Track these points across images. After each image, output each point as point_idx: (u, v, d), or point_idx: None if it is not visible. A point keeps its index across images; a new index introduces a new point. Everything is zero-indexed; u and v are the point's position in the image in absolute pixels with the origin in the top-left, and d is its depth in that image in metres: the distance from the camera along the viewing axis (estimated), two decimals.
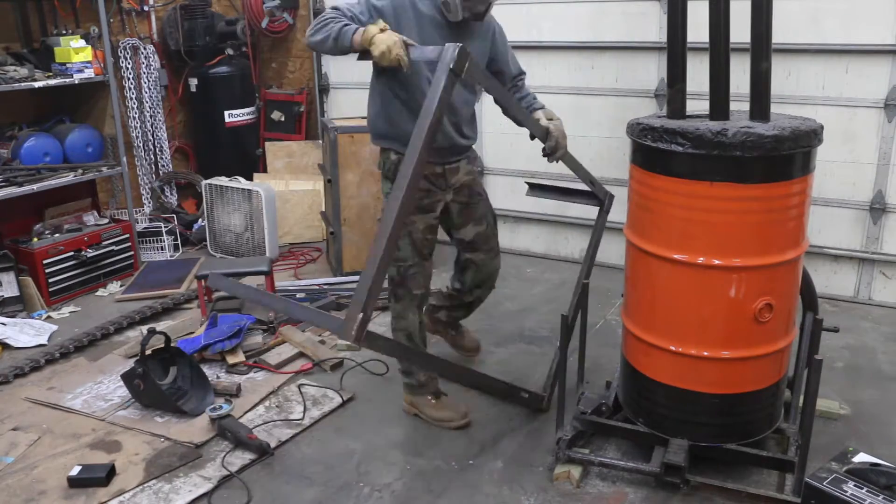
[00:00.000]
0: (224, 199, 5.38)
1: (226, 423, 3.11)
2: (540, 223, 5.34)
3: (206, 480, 2.86)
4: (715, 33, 2.54)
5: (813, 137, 2.46)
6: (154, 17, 5.83)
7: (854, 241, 4.37)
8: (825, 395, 3.19)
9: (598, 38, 4.82)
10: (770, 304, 2.54)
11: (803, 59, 4.23)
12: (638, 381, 2.84)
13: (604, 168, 4.55)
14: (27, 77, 4.58)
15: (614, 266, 4.86)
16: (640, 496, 2.71)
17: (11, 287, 4.45)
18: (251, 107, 6.21)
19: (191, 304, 4.55)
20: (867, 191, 4.25)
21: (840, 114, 4.18)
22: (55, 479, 2.88)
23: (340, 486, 2.83)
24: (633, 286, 2.85)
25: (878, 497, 2.13)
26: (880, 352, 3.80)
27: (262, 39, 6.50)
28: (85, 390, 3.54)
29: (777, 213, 2.49)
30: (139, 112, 5.71)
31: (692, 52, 2.65)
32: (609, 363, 3.63)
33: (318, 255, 5.46)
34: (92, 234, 4.88)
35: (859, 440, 2.98)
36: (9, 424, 3.28)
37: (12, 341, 4.05)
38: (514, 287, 4.79)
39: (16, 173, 4.57)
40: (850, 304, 4.41)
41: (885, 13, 3.97)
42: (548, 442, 3.02)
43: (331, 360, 3.73)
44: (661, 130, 2.52)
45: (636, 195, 2.74)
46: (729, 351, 2.60)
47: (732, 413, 2.69)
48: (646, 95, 4.73)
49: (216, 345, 3.72)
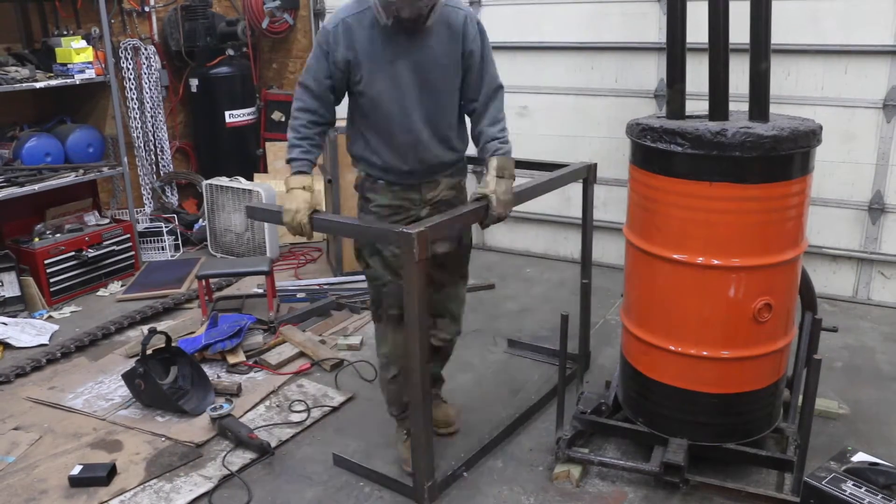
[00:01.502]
0: (224, 199, 5.39)
1: (226, 422, 3.12)
2: (540, 223, 5.34)
3: (207, 480, 2.87)
4: (714, 33, 2.55)
5: (812, 138, 2.47)
6: (155, 17, 5.84)
7: (853, 241, 4.38)
8: (824, 394, 3.19)
9: (598, 38, 4.83)
10: (769, 304, 2.54)
11: (802, 59, 4.23)
12: (637, 381, 2.84)
13: (604, 168, 4.55)
14: (28, 77, 4.59)
15: (614, 266, 4.87)
16: (640, 496, 2.72)
17: (13, 287, 4.46)
18: (252, 107, 6.22)
19: (191, 303, 4.56)
20: (866, 191, 4.26)
21: (839, 114, 4.19)
22: (56, 478, 2.89)
23: (340, 486, 2.84)
24: (632, 286, 2.86)
25: (877, 496, 2.13)
26: (879, 351, 3.80)
27: (263, 40, 6.51)
28: (86, 390, 3.55)
29: (776, 213, 2.49)
30: (140, 112, 5.72)
31: (692, 53, 2.66)
32: (609, 363, 3.64)
33: (318, 255, 5.47)
34: (93, 234, 4.89)
35: (858, 440, 2.98)
36: (10, 424, 3.29)
37: (14, 341, 4.06)
38: (514, 287, 4.79)
39: (17, 173, 4.58)
40: (849, 303, 4.41)
41: (884, 13, 3.98)
42: (548, 442, 3.03)
43: (331, 360, 3.73)
44: (660, 130, 2.52)
45: (636, 195, 2.74)
46: (728, 351, 2.60)
47: (732, 413, 2.70)
48: (646, 95, 4.74)
49: (217, 344, 3.73)
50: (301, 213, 2.54)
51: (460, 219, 2.56)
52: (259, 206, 3.33)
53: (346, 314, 4.36)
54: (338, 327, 4.17)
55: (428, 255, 2.40)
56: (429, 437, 2.59)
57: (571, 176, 3.13)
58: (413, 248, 2.32)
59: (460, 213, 2.55)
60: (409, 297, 2.40)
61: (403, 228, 2.37)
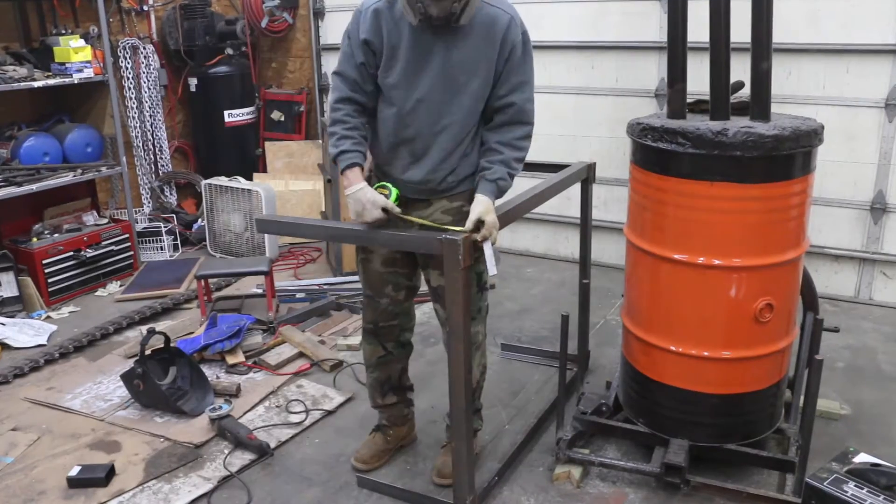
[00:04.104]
0: (224, 199, 5.37)
1: (225, 423, 3.11)
2: (540, 223, 5.33)
3: (206, 481, 2.85)
4: (715, 33, 2.54)
5: (813, 137, 2.46)
6: (153, 16, 5.83)
7: (855, 241, 4.37)
8: (826, 395, 3.18)
9: (599, 38, 4.82)
10: (770, 304, 2.53)
11: (804, 58, 4.22)
12: (638, 382, 2.83)
13: (604, 168, 4.54)
14: (26, 77, 4.58)
15: (614, 266, 4.86)
16: (641, 496, 2.71)
17: (11, 287, 4.45)
18: (251, 106, 6.21)
19: (190, 304, 4.55)
20: (868, 191, 4.25)
21: (841, 113, 4.18)
22: (55, 479, 2.87)
23: (340, 486, 2.83)
24: (633, 286, 2.85)
25: (879, 497, 2.12)
26: (881, 352, 3.79)
27: (262, 39, 6.50)
28: (84, 390, 3.54)
29: (777, 212, 2.48)
30: (139, 112, 5.70)
31: (692, 52, 2.64)
32: (609, 363, 3.63)
33: (317, 255, 5.45)
34: (91, 234, 4.88)
35: (860, 440, 2.97)
36: (8, 424, 3.27)
37: (12, 341, 4.05)
38: (514, 287, 4.78)
39: (15, 173, 4.57)
40: (851, 304, 4.40)
41: (885, 13, 3.97)
42: (548, 442, 3.02)
43: (330, 361, 3.72)
44: (661, 130, 2.51)
45: (636, 195, 2.73)
46: (729, 351, 2.59)
47: (733, 413, 2.69)
48: (646, 95, 4.73)
49: (216, 345, 3.72)
50: (373, 209, 2.31)
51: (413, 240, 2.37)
52: (270, 219, 3.04)
53: (346, 314, 4.34)
54: (337, 328, 4.16)
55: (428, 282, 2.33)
56: (471, 451, 2.51)
57: (572, 178, 3.09)
58: (458, 255, 2.20)
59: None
60: (454, 307, 2.28)
61: (447, 236, 2.22)
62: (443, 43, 2.32)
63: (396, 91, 2.39)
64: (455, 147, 2.44)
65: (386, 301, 2.69)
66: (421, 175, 2.47)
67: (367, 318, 2.76)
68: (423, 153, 2.45)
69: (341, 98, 2.42)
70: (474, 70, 2.35)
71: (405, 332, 2.82)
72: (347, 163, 2.38)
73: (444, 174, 2.47)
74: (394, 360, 2.84)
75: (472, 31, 2.31)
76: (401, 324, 2.78)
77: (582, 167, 3.14)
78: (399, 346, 2.83)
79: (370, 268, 2.65)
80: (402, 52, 2.35)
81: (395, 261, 2.62)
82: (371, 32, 2.35)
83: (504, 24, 2.33)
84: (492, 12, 2.33)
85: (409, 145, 2.46)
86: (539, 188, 2.81)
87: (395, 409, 2.95)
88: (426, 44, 2.33)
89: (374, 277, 2.65)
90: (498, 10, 2.34)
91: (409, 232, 2.40)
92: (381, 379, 2.87)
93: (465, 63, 2.34)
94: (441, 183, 2.47)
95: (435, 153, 2.44)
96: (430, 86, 2.36)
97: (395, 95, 2.40)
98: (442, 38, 2.32)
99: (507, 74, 2.37)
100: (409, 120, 2.42)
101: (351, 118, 2.41)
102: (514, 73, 2.38)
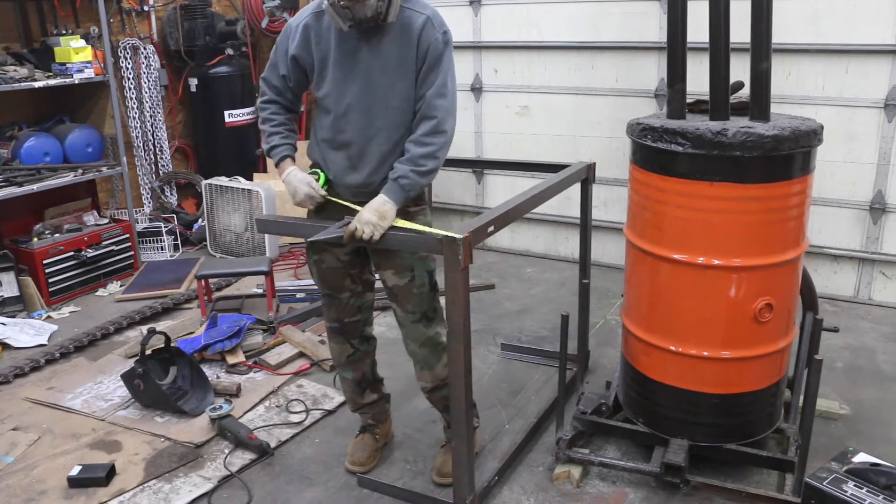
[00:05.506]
0: (224, 199, 5.38)
1: (226, 423, 3.11)
2: (540, 223, 5.34)
3: (206, 480, 2.86)
4: (715, 33, 2.54)
5: (813, 137, 2.46)
6: (154, 16, 5.83)
7: (854, 241, 4.37)
8: (825, 395, 3.19)
9: (598, 38, 4.82)
10: (770, 304, 2.54)
11: (803, 59, 4.22)
12: (638, 381, 2.84)
13: (604, 168, 4.55)
14: (27, 77, 4.58)
15: (614, 266, 4.86)
16: (640, 496, 2.71)
17: (11, 287, 4.45)
18: (251, 107, 6.20)
19: (191, 304, 4.55)
20: (867, 191, 4.25)
21: (840, 114, 4.18)
22: (55, 479, 2.88)
23: (341, 486, 2.83)
24: (633, 286, 2.85)
25: (878, 497, 2.13)
26: (880, 352, 3.80)
27: (262, 39, 6.50)
28: (85, 390, 3.55)
29: (777, 213, 2.48)
30: (139, 112, 5.71)
31: (692, 52, 2.65)
32: (609, 363, 3.63)
33: None
34: (92, 234, 4.88)
35: (859, 440, 2.98)
36: (9, 424, 3.28)
37: (12, 341, 4.05)
38: (514, 287, 4.79)
39: (16, 173, 4.57)
40: (850, 304, 4.40)
41: (885, 13, 3.97)
42: (548, 442, 3.02)
43: (330, 360, 3.72)
44: (661, 130, 2.52)
45: (636, 195, 2.74)
46: (729, 351, 2.60)
47: (732, 413, 2.69)
48: (646, 95, 4.73)
49: (216, 345, 3.72)
50: (302, 186, 2.51)
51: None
52: (270, 219, 3.09)
53: None
54: None
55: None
56: (471, 451, 2.51)
57: (571, 178, 3.08)
58: (458, 255, 2.19)
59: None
60: (454, 307, 2.26)
61: (448, 234, 2.20)
62: (367, 48, 2.40)
63: (329, 98, 2.50)
64: (391, 150, 2.48)
65: (347, 294, 2.74)
66: (361, 179, 2.53)
67: (331, 317, 2.80)
68: (360, 158, 2.51)
69: (267, 100, 2.62)
70: (396, 72, 2.41)
71: (367, 327, 2.88)
72: (280, 156, 2.60)
73: (383, 177, 2.48)
74: (363, 356, 2.88)
75: (391, 34, 2.38)
76: (363, 318, 2.84)
77: (582, 167, 3.14)
78: (364, 341, 2.87)
79: (324, 268, 2.70)
80: (331, 61, 2.45)
81: (349, 258, 2.69)
82: (300, 48, 2.48)
83: (419, 24, 2.38)
84: (408, 14, 2.39)
85: (346, 150, 2.52)
86: (539, 188, 2.80)
87: (377, 405, 3.00)
88: (352, 50, 2.42)
89: (331, 275, 2.71)
90: (413, 12, 2.40)
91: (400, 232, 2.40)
92: (357, 378, 2.91)
93: (386, 66, 2.41)
94: (381, 185, 2.47)
95: (371, 158, 2.50)
96: (359, 90, 2.44)
97: (328, 103, 2.50)
98: (367, 42, 2.40)
99: (425, 74, 2.42)
100: (342, 125, 2.50)
101: (277, 115, 2.61)
102: (431, 72, 2.41)
